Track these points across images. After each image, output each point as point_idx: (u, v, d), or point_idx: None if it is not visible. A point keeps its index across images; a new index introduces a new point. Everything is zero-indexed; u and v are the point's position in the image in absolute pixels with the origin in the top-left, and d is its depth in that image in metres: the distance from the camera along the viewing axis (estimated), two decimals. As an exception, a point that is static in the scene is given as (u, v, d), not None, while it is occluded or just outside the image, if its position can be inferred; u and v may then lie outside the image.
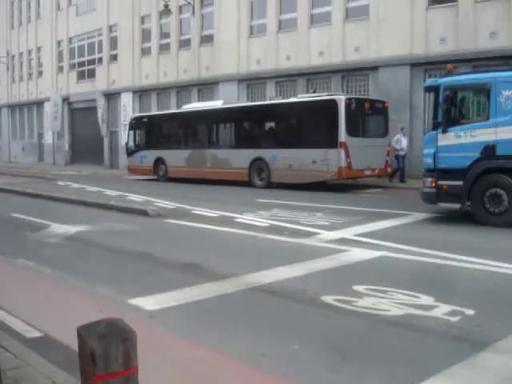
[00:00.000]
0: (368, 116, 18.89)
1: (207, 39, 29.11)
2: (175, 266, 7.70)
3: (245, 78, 26.78)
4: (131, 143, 26.10)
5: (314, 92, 21.17)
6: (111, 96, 35.36)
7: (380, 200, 15.37)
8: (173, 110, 27.83)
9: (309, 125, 18.74)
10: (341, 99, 17.39)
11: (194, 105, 24.89)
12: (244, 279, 6.71)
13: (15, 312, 5.54)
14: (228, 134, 22.16)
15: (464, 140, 10.58)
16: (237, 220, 11.65)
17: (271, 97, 23.36)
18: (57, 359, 4.16)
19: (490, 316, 5.29)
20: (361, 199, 15.90)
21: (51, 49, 41.80)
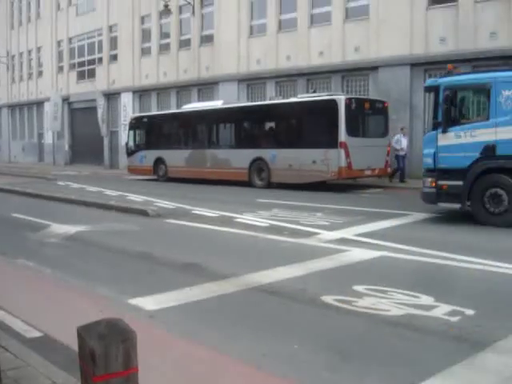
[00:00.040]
0: (368, 116, 18.89)
1: (207, 39, 29.11)
2: (175, 266, 7.71)
3: (245, 78, 26.78)
4: (131, 143, 26.09)
5: (314, 92, 21.17)
6: (111, 96, 35.36)
7: (380, 200, 15.37)
8: (173, 110, 27.81)
9: (309, 125, 18.75)
10: (341, 99, 17.39)
11: (194, 105, 24.88)
12: (244, 279, 6.72)
13: (15, 312, 5.54)
14: (228, 134, 22.15)
15: (464, 140, 10.57)
16: (237, 220, 11.66)
17: (271, 97, 23.36)
18: (57, 359, 4.16)
19: (490, 316, 5.29)
20: (361, 199, 15.90)
21: (51, 49, 41.80)
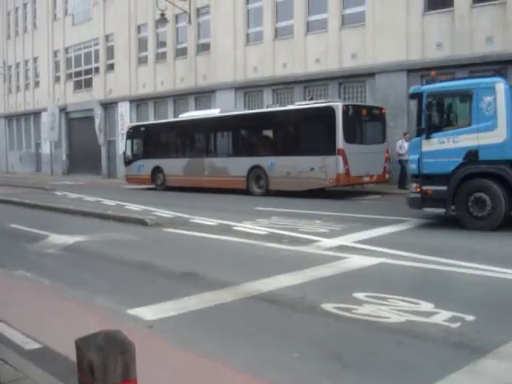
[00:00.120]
0: (365, 122, 18.91)
1: (204, 47, 29.19)
2: (174, 276, 7.68)
3: (242, 86, 26.82)
4: (129, 152, 26.11)
5: (311, 99, 21.24)
6: (108, 105, 35.39)
7: (378, 206, 15.36)
8: (170, 119, 27.81)
9: (306, 132, 18.79)
10: (338, 106, 17.42)
11: (192, 113, 24.92)
12: (243, 288, 6.69)
13: (14, 324, 5.51)
14: (226, 143, 22.16)
15: (447, 146, 10.72)
16: (236, 228, 11.64)
17: (268, 104, 23.41)
18: (56, 371, 4.14)
19: (491, 322, 5.28)
20: (359, 206, 15.91)
21: (48, 59, 41.85)
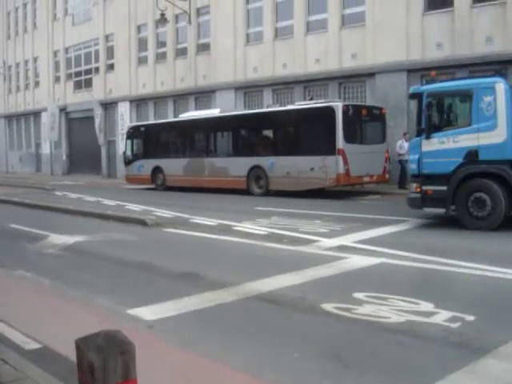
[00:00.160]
0: (365, 122, 18.91)
1: (204, 47, 29.19)
2: (174, 276, 7.68)
3: (242, 86, 26.82)
4: (129, 152, 26.11)
5: (311, 99, 21.23)
6: (108, 105, 35.38)
7: (378, 206, 15.36)
8: (170, 119, 27.81)
9: (306, 132, 18.79)
10: (338, 106, 17.41)
11: (192, 113, 24.91)
12: (243, 288, 6.69)
13: (14, 324, 5.51)
14: (226, 143, 22.16)
15: (447, 146, 10.73)
16: (236, 228, 11.64)
17: (268, 104, 23.41)
18: (56, 371, 4.14)
19: (491, 322, 5.28)
20: (359, 206, 15.90)
21: (48, 59, 41.85)
